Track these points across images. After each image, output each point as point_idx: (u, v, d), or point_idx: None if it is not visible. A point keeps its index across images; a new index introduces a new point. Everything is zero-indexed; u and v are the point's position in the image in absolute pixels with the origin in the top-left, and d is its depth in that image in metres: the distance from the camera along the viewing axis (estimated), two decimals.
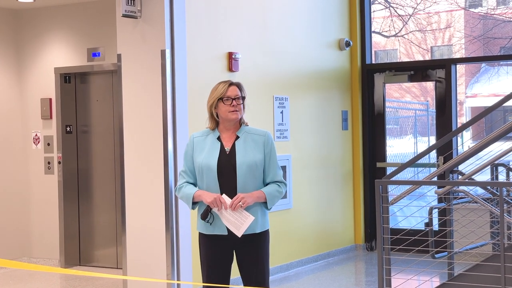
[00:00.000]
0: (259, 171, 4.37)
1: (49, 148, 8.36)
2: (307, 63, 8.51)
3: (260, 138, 4.41)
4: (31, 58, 8.47)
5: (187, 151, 4.49)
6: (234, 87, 4.43)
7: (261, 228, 4.38)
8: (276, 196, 4.39)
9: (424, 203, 7.42)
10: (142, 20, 6.35)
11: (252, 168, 4.34)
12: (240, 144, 4.38)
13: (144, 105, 6.39)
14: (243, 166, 4.32)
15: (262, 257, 4.41)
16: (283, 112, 7.97)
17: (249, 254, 4.39)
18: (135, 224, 6.44)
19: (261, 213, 4.38)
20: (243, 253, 4.39)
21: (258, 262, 4.40)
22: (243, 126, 4.45)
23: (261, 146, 4.39)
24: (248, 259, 4.40)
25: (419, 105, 15.78)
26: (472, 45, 14.94)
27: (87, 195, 8.36)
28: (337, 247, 8.91)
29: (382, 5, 12.83)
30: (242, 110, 4.42)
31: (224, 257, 4.41)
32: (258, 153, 4.37)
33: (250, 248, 4.39)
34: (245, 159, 4.34)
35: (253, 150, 4.37)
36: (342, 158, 9.09)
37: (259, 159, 4.36)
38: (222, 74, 7.13)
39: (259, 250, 4.40)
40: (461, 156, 5.75)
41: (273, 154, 4.43)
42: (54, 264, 8.30)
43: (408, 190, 5.66)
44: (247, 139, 4.40)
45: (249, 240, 4.36)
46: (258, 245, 4.39)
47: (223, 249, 4.40)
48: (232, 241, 4.35)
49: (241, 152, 4.36)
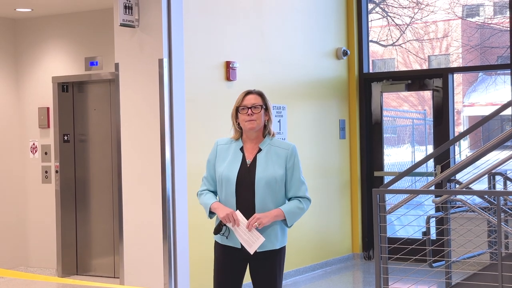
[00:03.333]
0: (279, 187, 4.22)
1: (47, 157, 8.36)
2: (305, 72, 8.53)
3: (284, 152, 4.24)
4: (29, 67, 8.47)
5: (210, 158, 4.37)
6: (251, 96, 4.26)
7: (280, 244, 4.26)
8: (297, 213, 4.22)
9: (422, 212, 7.42)
10: (139, 29, 6.36)
11: (271, 184, 4.19)
12: (262, 158, 4.23)
13: (142, 114, 6.40)
14: (261, 182, 4.18)
15: (276, 273, 4.28)
16: (280, 121, 7.98)
17: (264, 268, 4.28)
18: (133, 233, 6.43)
19: (281, 230, 4.25)
20: (257, 266, 4.29)
21: (271, 277, 4.28)
22: (267, 137, 4.30)
23: (283, 161, 4.22)
24: (262, 274, 4.29)
25: (417, 114, 15.79)
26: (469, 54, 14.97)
27: (84, 204, 8.35)
28: (335, 256, 8.90)
29: (379, 15, 12.87)
30: (261, 119, 4.24)
31: (237, 268, 4.32)
32: (279, 168, 4.21)
33: (265, 263, 4.27)
34: (265, 174, 4.19)
35: (274, 164, 4.21)
36: (339, 167, 9.09)
37: (280, 174, 4.20)
38: (220, 83, 7.14)
39: (274, 266, 4.27)
40: (458, 165, 5.76)
41: (296, 169, 4.26)
42: (51, 273, 8.28)
43: (406, 199, 5.67)
44: (270, 152, 4.25)
45: (265, 255, 4.25)
46: (274, 261, 4.27)
47: (236, 260, 4.31)
48: (246, 254, 4.26)
49: (262, 166, 4.21)
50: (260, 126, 4.25)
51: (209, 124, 7.02)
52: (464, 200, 5.68)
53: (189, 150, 6.59)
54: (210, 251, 6.86)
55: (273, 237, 4.23)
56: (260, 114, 4.24)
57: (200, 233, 6.60)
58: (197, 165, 6.72)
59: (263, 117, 4.26)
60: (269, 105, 4.30)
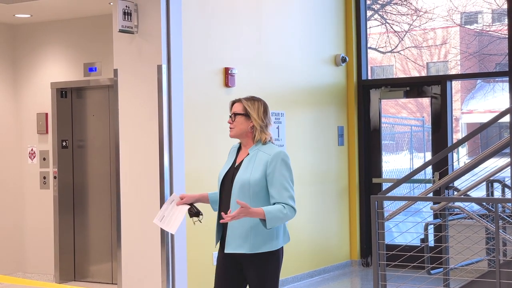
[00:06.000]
0: (254, 191, 4.21)
1: (45, 163, 8.35)
2: (303, 79, 8.54)
3: (266, 157, 4.25)
4: (27, 73, 8.48)
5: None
6: (235, 105, 4.37)
7: (252, 249, 4.19)
8: (279, 216, 4.16)
9: (420, 219, 7.41)
10: (138, 36, 6.37)
11: (245, 187, 4.22)
12: (246, 161, 4.28)
13: (141, 120, 6.40)
14: (237, 184, 4.25)
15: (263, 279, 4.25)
16: (279, 127, 7.98)
17: (249, 275, 4.29)
18: (131, 239, 6.42)
19: (255, 233, 4.20)
20: (246, 272, 4.29)
21: (257, 284, 4.27)
22: (258, 143, 4.32)
23: (263, 165, 4.23)
24: (250, 280, 4.30)
25: (415, 121, 15.80)
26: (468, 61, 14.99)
27: (82, 210, 8.34)
28: (333, 263, 8.89)
29: (378, 21, 12.89)
30: (239, 126, 4.30)
31: (229, 273, 4.34)
32: (257, 172, 4.22)
33: (251, 267, 4.27)
34: (241, 177, 4.24)
35: (254, 168, 4.24)
36: (337, 174, 9.09)
37: (255, 179, 4.21)
38: (219, 89, 7.14)
39: (261, 272, 4.24)
40: (456, 172, 5.77)
41: (277, 175, 4.21)
42: (49, 279, 8.26)
43: (404, 206, 5.67)
44: (256, 156, 4.28)
45: (251, 260, 4.24)
46: (259, 267, 4.24)
47: (228, 265, 4.33)
48: (234, 259, 4.28)
49: (243, 169, 4.27)
50: (239, 132, 4.33)
51: (208, 130, 7.02)
52: (462, 207, 5.68)
53: (188, 156, 6.59)
54: (208, 258, 6.87)
55: (240, 239, 4.21)
56: (238, 121, 4.32)
57: (198, 239, 6.59)
58: (195, 171, 6.72)
59: (243, 124, 4.32)
60: (251, 112, 4.32)
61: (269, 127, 4.38)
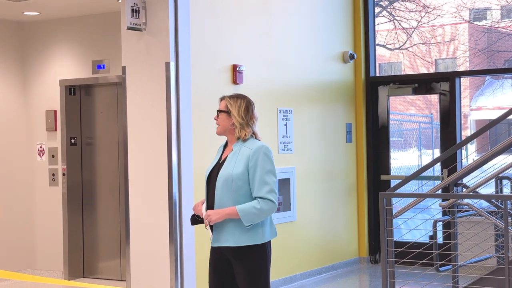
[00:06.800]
0: (237, 185, 4.28)
1: (54, 160, 8.38)
2: (311, 76, 8.53)
3: (248, 151, 4.33)
4: (36, 70, 8.50)
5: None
6: (221, 102, 4.53)
7: (237, 243, 4.28)
8: (253, 212, 4.21)
9: (429, 216, 7.41)
10: (146, 33, 6.37)
11: (228, 181, 4.29)
12: (229, 157, 4.38)
13: (149, 117, 6.41)
14: (220, 179, 4.32)
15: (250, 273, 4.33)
16: (287, 124, 7.98)
17: (236, 269, 4.36)
18: (139, 236, 6.44)
19: (239, 229, 4.28)
20: (234, 267, 4.38)
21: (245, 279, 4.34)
22: (240, 140, 4.40)
23: (245, 160, 4.30)
24: (237, 275, 4.37)
25: (424, 117, 15.77)
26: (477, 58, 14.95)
27: (91, 207, 8.37)
28: (341, 259, 8.89)
29: (386, 18, 12.87)
30: (222, 123, 4.44)
31: (220, 268, 4.42)
32: (239, 166, 4.29)
33: (238, 263, 4.35)
34: (224, 172, 4.33)
35: (236, 163, 4.31)
36: (346, 171, 9.08)
37: (237, 173, 4.27)
38: (227, 86, 7.14)
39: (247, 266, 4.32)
40: (465, 169, 5.75)
41: (258, 169, 4.27)
42: (58, 276, 8.29)
43: (412, 203, 5.66)
44: (239, 152, 4.36)
45: (236, 255, 4.32)
46: (245, 262, 4.33)
47: (218, 260, 4.43)
48: (221, 253, 4.38)
49: (226, 164, 4.36)
50: (223, 129, 4.47)
51: (216, 127, 7.01)
52: (471, 204, 5.67)
53: (196, 153, 6.60)
54: None
55: (226, 234, 4.31)
56: (221, 119, 4.46)
57: (206, 236, 6.59)
58: (203, 168, 6.70)
59: (225, 121, 4.45)
60: (231, 110, 4.44)
61: (253, 124, 4.45)
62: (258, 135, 4.48)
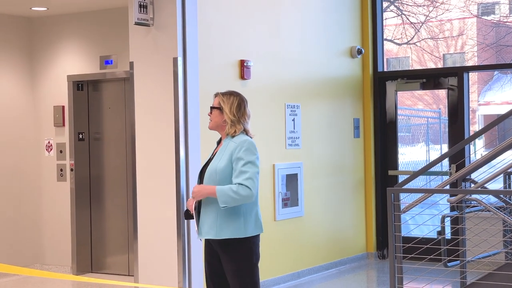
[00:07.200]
0: (220, 179, 4.40)
1: (62, 155, 8.40)
2: (319, 71, 8.51)
3: (233, 145, 4.43)
4: (44, 66, 8.52)
5: None
6: (215, 99, 4.59)
7: (219, 235, 4.37)
8: (229, 194, 4.28)
9: (436, 211, 7.39)
10: (154, 28, 6.38)
11: (212, 175, 4.44)
12: (219, 152, 4.50)
13: (156, 113, 6.41)
14: (207, 173, 4.48)
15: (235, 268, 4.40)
16: (294, 119, 7.97)
17: (224, 263, 4.46)
18: (147, 231, 6.45)
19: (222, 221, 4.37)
20: (221, 260, 4.47)
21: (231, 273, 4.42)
22: (229, 135, 4.49)
23: (230, 154, 4.41)
24: (225, 269, 4.46)
25: (431, 113, 15.74)
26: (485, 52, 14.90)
27: (99, 202, 8.39)
28: (349, 255, 8.89)
29: (394, 13, 12.84)
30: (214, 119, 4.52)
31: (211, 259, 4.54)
32: (224, 160, 4.41)
33: (225, 257, 4.44)
34: (211, 166, 4.47)
35: (222, 157, 4.43)
36: (353, 166, 9.07)
37: (221, 166, 4.40)
38: (234, 81, 7.14)
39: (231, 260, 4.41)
40: (473, 164, 5.73)
41: (240, 161, 4.37)
42: (66, 271, 8.32)
43: (420, 198, 5.64)
44: (227, 147, 4.47)
45: (222, 248, 4.42)
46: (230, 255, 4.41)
47: (209, 253, 4.55)
48: (211, 246, 4.50)
49: (215, 159, 4.49)
50: (215, 125, 4.56)
51: None
52: (479, 199, 5.65)
53: (203, 148, 6.60)
54: None
55: (207, 226, 4.41)
56: (214, 115, 4.54)
57: None
58: None
59: (217, 117, 4.53)
60: (223, 107, 4.50)
61: (244, 121, 4.51)
62: (250, 132, 4.56)
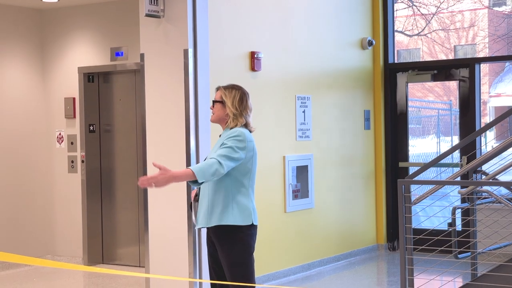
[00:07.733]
0: None
1: (73, 147, 8.43)
2: (330, 62, 8.50)
3: (225, 135, 4.48)
4: (55, 58, 8.54)
5: None
6: (216, 92, 4.61)
7: (209, 223, 4.42)
8: (203, 167, 4.26)
9: (447, 203, 7.38)
10: (165, 20, 6.38)
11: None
12: (215, 144, 4.54)
13: (167, 104, 6.42)
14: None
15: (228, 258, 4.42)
16: (305, 111, 7.96)
17: (219, 253, 4.48)
18: (158, 223, 6.47)
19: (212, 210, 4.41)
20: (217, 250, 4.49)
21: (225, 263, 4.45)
22: (228, 128, 4.50)
23: (221, 143, 4.45)
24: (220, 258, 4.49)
25: (442, 104, 15.69)
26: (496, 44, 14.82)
27: (110, 194, 8.42)
28: (359, 246, 8.89)
29: (405, 4, 12.78)
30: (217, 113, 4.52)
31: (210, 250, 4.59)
32: (215, 150, 4.45)
33: (219, 246, 4.47)
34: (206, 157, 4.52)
35: (215, 148, 4.48)
36: (364, 158, 9.06)
37: (211, 156, 4.43)
38: (245, 73, 7.14)
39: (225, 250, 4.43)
40: (484, 156, 5.72)
41: (223, 145, 4.37)
42: (78, 262, 8.36)
43: (431, 190, 5.64)
44: (221, 138, 4.51)
45: (215, 237, 4.45)
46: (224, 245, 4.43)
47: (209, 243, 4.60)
48: (209, 236, 4.54)
49: (211, 151, 4.55)
50: (217, 118, 4.56)
51: None
52: (490, 191, 5.64)
53: (214, 140, 6.60)
54: None
55: (202, 215, 4.45)
56: (216, 108, 4.54)
57: None
58: None
59: (220, 111, 4.54)
60: (226, 100, 4.51)
61: (246, 115, 4.52)
62: (250, 125, 4.56)
